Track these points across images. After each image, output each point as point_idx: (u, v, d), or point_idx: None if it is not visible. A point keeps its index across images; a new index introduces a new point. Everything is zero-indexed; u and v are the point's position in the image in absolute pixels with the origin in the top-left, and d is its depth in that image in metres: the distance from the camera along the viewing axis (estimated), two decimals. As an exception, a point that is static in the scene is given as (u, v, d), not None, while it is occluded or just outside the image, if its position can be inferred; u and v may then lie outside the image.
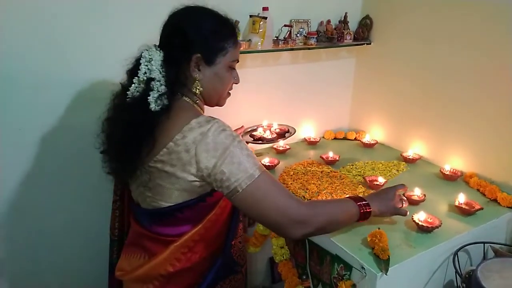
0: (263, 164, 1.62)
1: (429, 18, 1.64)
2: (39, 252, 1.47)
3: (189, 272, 1.05)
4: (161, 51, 1.00)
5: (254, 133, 1.71)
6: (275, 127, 1.75)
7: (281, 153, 1.81)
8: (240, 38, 1.62)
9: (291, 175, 1.56)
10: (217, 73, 1.06)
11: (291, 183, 1.49)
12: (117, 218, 1.23)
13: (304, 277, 1.32)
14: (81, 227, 1.52)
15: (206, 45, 1.02)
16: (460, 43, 1.54)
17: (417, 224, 1.19)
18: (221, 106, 1.16)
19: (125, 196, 1.21)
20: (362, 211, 1.09)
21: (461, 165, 1.60)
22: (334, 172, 1.60)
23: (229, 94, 1.16)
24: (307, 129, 2.00)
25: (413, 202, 1.35)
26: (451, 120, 1.61)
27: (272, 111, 1.85)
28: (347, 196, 1.17)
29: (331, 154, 1.71)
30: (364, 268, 1.05)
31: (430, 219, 1.22)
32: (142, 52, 1.00)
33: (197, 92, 1.04)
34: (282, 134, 1.73)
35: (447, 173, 1.56)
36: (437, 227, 1.17)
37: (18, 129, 1.32)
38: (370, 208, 1.11)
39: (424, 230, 1.18)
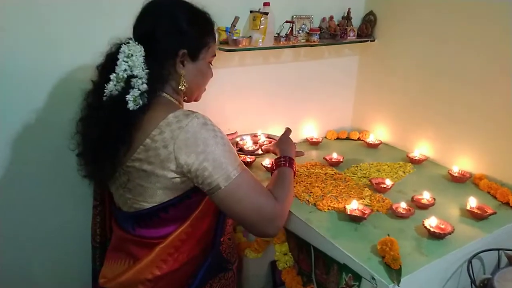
0: (264, 166, 1.55)
1: (436, 15, 1.58)
2: (19, 259, 1.40)
3: (177, 274, 1.00)
4: (140, 46, 0.93)
5: (240, 141, 1.62)
6: (263, 140, 1.64)
7: (282, 154, 1.74)
8: (240, 34, 1.56)
9: (294, 178, 1.49)
10: (200, 69, 1.04)
11: (294, 186, 1.43)
12: (98, 224, 1.18)
13: (310, 285, 1.26)
14: (64, 233, 1.44)
15: (191, 41, 0.99)
16: (468, 42, 1.48)
17: (429, 230, 1.13)
18: (197, 101, 1.14)
19: (106, 200, 1.15)
20: (294, 169, 1.17)
21: (470, 166, 1.54)
22: (338, 174, 1.54)
23: (204, 89, 1.14)
24: (309, 128, 1.94)
25: (422, 206, 1.29)
26: (458, 119, 1.56)
27: (272, 110, 1.79)
28: (275, 160, 1.21)
29: (335, 155, 1.65)
30: (374, 279, 0.98)
31: (442, 225, 1.16)
32: (120, 47, 0.93)
33: (182, 88, 1.01)
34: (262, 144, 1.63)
35: (456, 174, 1.50)
36: (449, 233, 1.11)
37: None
38: (294, 161, 1.19)
39: (436, 236, 1.12)
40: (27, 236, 1.38)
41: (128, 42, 0.94)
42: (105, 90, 0.92)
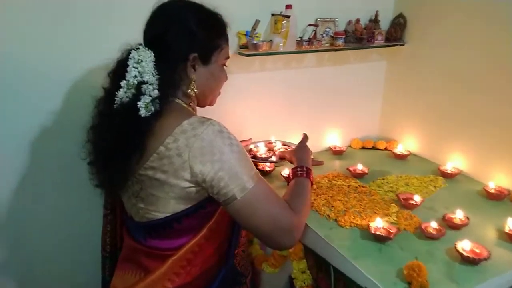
0: (283, 175, 1.48)
1: (472, 20, 1.46)
2: (29, 267, 1.37)
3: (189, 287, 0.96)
4: (150, 51, 0.91)
5: (254, 148, 1.55)
6: (279, 147, 1.57)
7: (303, 163, 1.66)
8: (261, 38, 1.50)
9: (315, 189, 1.41)
10: (213, 72, 1.00)
11: (314, 199, 1.34)
12: (108, 233, 1.15)
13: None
14: (74, 242, 1.41)
15: (202, 44, 0.95)
16: (508, 52, 1.35)
17: (461, 254, 1.02)
18: (211, 105, 1.10)
19: (117, 209, 1.12)
20: (312, 179, 1.12)
21: (508, 182, 1.41)
22: (363, 187, 1.44)
23: (219, 93, 1.10)
24: (332, 137, 1.85)
25: (454, 226, 1.18)
26: (495, 131, 1.43)
27: (293, 117, 1.71)
28: (292, 169, 1.16)
29: (359, 166, 1.55)
30: (400, 308, 0.89)
31: (477, 249, 1.05)
32: (130, 53, 0.90)
33: (192, 93, 0.97)
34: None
35: (492, 191, 1.37)
36: (485, 259, 1.00)
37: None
38: (311, 171, 1.14)
39: (470, 262, 1.01)
40: (38, 244, 1.36)
41: (138, 48, 0.91)
42: (115, 98, 0.89)
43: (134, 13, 0.97)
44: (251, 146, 1.55)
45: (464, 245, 1.05)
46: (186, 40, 0.93)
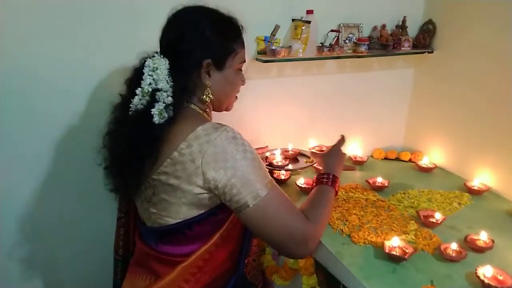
0: (299, 185, 1.44)
1: (504, 29, 1.36)
2: (44, 270, 1.41)
3: None
4: (165, 59, 0.92)
5: (270, 156, 1.51)
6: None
7: (321, 173, 1.61)
8: (280, 44, 1.46)
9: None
10: (227, 77, 1.00)
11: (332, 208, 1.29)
12: (121, 236, 1.16)
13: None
14: (87, 245, 1.44)
15: (215, 49, 0.95)
16: None
17: (482, 281, 0.95)
18: (229, 110, 1.10)
19: (131, 213, 1.13)
20: (337, 189, 1.09)
21: (542, 202, 1.31)
22: (381, 201, 1.38)
23: (236, 97, 1.10)
24: (354, 146, 1.78)
25: (477, 249, 1.10)
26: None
27: (312, 124, 1.67)
28: (317, 175, 1.12)
29: (379, 179, 1.48)
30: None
31: (500, 276, 0.97)
32: (145, 61, 0.92)
33: (207, 100, 0.97)
34: (293, 159, 1.53)
35: (523, 212, 1.28)
36: (509, 288, 0.93)
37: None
38: (337, 180, 1.10)
39: (492, 290, 0.93)
40: (52, 245, 1.39)
41: (153, 56, 0.93)
42: (130, 105, 0.91)
43: (154, 19, 0.98)
44: (267, 154, 1.52)
45: (486, 271, 0.97)
46: (199, 47, 0.93)
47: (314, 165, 1.51)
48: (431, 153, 1.74)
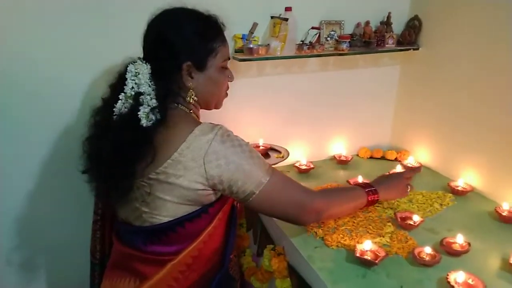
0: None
1: (491, 22, 1.32)
2: (16, 274, 1.39)
3: None
4: (147, 63, 0.95)
5: None
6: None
7: (303, 172, 1.58)
8: (259, 42, 1.43)
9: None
10: (211, 77, 1.01)
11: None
12: (98, 239, 1.16)
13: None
14: (63, 248, 1.42)
15: (194, 51, 0.97)
16: None
17: (453, 287, 0.92)
18: (218, 108, 1.12)
19: (107, 216, 1.13)
20: (370, 199, 1.12)
21: (525, 204, 1.27)
22: (360, 202, 1.35)
23: (226, 94, 1.12)
24: (339, 145, 1.75)
25: (453, 253, 1.07)
26: (515, 146, 1.29)
27: (296, 123, 1.64)
28: (363, 183, 1.21)
29: (360, 179, 1.46)
30: None
31: (472, 281, 0.94)
32: (127, 66, 0.94)
33: (191, 101, 1.00)
34: (264, 154, 1.52)
35: (505, 213, 1.24)
36: (479, 294, 0.90)
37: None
38: (377, 196, 1.13)
39: (462, 296, 0.91)
40: (28, 249, 1.38)
41: (135, 61, 0.95)
42: (114, 109, 0.93)
43: (138, 24, 1.00)
44: None
45: (458, 276, 0.94)
46: (177, 51, 0.95)
47: (286, 160, 1.50)
48: (417, 152, 1.70)
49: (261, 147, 1.55)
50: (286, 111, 1.61)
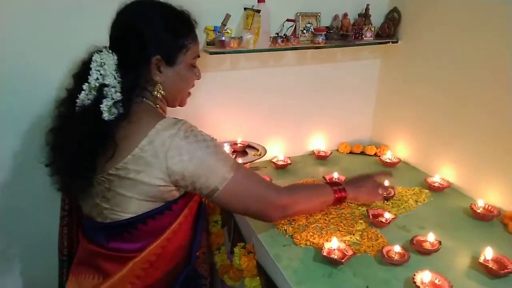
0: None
1: (471, 15, 1.29)
2: None
3: None
4: (114, 54, 0.91)
5: None
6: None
7: (280, 168, 1.55)
8: (232, 34, 1.39)
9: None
10: (179, 73, 0.99)
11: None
12: (65, 235, 1.14)
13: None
14: (30, 245, 1.39)
15: (164, 45, 0.94)
16: (506, 57, 1.18)
17: (418, 287, 0.89)
18: (182, 106, 1.09)
19: (74, 211, 1.11)
20: (337, 196, 1.08)
21: (501, 201, 1.25)
22: (335, 198, 1.32)
23: (189, 93, 1.09)
24: (318, 140, 1.72)
25: (423, 252, 1.04)
26: (494, 142, 1.25)
27: (273, 118, 1.60)
28: (333, 182, 1.17)
29: (335, 175, 1.43)
30: None
31: (438, 281, 0.92)
32: (93, 55, 0.90)
33: (158, 95, 0.97)
34: (242, 152, 1.50)
35: (480, 211, 1.22)
36: (444, 295, 0.87)
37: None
38: (345, 194, 1.10)
39: (427, 297, 0.88)
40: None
41: (101, 51, 0.91)
42: (77, 100, 0.89)
43: (104, 13, 0.95)
44: None
45: (424, 277, 0.92)
46: (148, 43, 0.92)
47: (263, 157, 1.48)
48: (397, 147, 1.68)
49: (239, 145, 1.53)
50: (263, 106, 1.57)
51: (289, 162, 1.57)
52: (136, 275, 0.93)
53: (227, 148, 1.48)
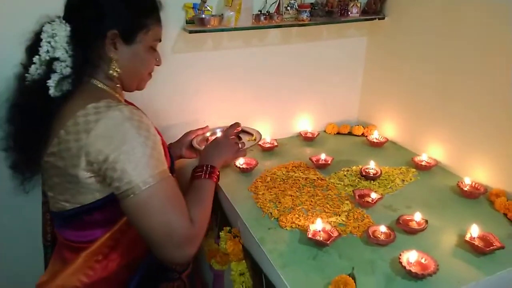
0: (238, 165, 1.35)
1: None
2: None
3: (107, 283, 0.92)
4: (67, 24, 0.84)
5: (211, 137, 1.40)
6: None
7: (267, 150, 1.53)
8: (213, 12, 1.34)
9: (267, 182, 1.28)
10: (137, 53, 0.91)
11: (262, 193, 1.22)
12: (48, 221, 1.10)
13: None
14: (15, 232, 1.36)
15: (124, 20, 0.87)
16: (496, 33, 1.14)
17: (404, 267, 0.88)
18: (140, 90, 1.00)
19: None
20: (215, 178, 1.03)
21: (487, 178, 1.24)
22: (321, 179, 1.30)
23: (150, 75, 1.00)
24: (305, 121, 1.69)
25: (409, 231, 1.03)
26: (482, 119, 1.23)
27: (259, 100, 1.57)
28: (192, 170, 1.05)
29: (323, 156, 1.41)
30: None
31: (425, 260, 0.91)
32: (43, 26, 0.84)
33: (114, 74, 0.89)
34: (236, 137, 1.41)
35: (467, 188, 1.21)
36: (430, 274, 0.86)
37: None
38: (216, 170, 1.04)
39: (413, 276, 0.87)
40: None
41: (53, 21, 0.84)
42: (26, 74, 0.84)
43: None
44: (208, 134, 1.42)
45: (410, 256, 0.91)
46: (105, 15, 0.86)
47: (259, 142, 1.43)
48: (384, 127, 1.66)
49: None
50: (248, 88, 1.53)
51: (275, 144, 1.54)
52: (89, 267, 0.90)
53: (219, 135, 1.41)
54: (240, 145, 1.15)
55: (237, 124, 1.19)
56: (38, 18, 0.85)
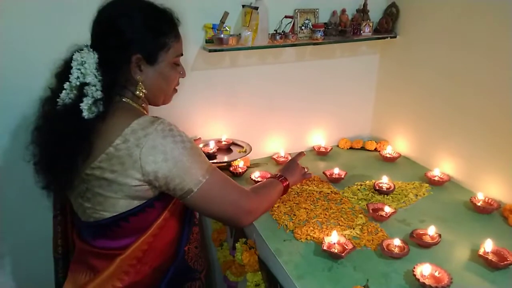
0: (253, 179, 1.39)
1: (469, 8, 1.29)
2: None
3: (140, 285, 0.96)
4: (94, 52, 0.90)
5: (205, 147, 1.48)
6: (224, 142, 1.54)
7: (281, 164, 1.56)
8: (231, 32, 1.40)
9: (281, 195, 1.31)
10: (161, 72, 0.97)
11: (277, 206, 1.25)
12: (59, 234, 1.13)
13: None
14: (27, 245, 1.39)
15: (145, 44, 0.92)
16: (507, 48, 1.18)
17: (418, 280, 0.90)
18: (166, 104, 1.06)
19: (67, 210, 1.11)
20: (284, 185, 1.15)
21: (501, 194, 1.25)
22: (335, 193, 1.33)
23: (175, 90, 1.06)
24: (318, 136, 1.73)
25: (423, 245, 1.05)
26: (495, 135, 1.25)
27: (273, 115, 1.61)
28: (269, 176, 1.22)
29: (336, 170, 1.44)
30: None
31: (438, 273, 0.93)
32: (73, 54, 0.89)
33: (141, 95, 0.96)
34: (226, 149, 1.51)
35: (480, 204, 1.22)
36: (443, 287, 0.88)
37: None
38: (288, 182, 1.16)
39: (427, 289, 0.89)
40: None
41: (82, 50, 0.90)
42: (58, 99, 0.89)
43: (87, 11, 0.94)
44: (201, 145, 1.48)
45: (424, 269, 0.93)
46: (128, 41, 0.91)
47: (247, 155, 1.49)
48: (397, 142, 1.68)
49: (223, 142, 1.53)
50: (263, 103, 1.58)
51: (289, 158, 1.57)
52: (124, 271, 0.94)
53: (212, 145, 1.49)
54: (305, 169, 1.28)
55: (302, 153, 1.34)
56: (68, 47, 0.91)
